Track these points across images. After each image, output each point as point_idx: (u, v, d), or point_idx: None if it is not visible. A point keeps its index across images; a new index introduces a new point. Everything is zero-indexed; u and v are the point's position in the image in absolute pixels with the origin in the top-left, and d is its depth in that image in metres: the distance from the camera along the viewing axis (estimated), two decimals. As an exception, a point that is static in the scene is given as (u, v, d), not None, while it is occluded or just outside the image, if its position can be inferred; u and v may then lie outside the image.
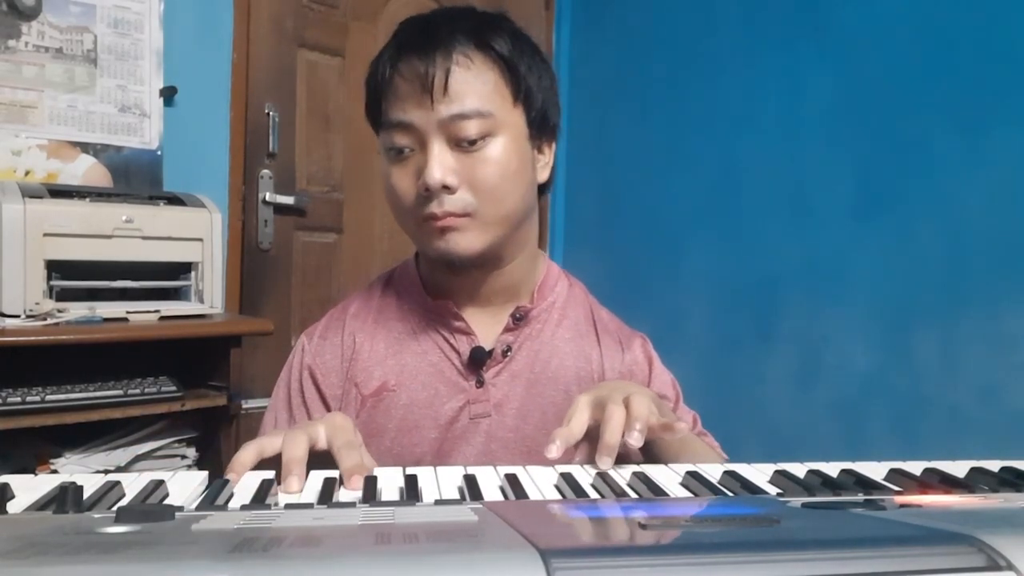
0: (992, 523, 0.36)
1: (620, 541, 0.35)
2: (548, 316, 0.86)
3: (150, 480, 0.51)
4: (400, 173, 0.76)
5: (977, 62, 1.40)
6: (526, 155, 0.78)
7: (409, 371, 0.82)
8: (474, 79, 0.74)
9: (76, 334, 1.35)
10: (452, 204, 0.74)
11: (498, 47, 0.75)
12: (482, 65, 0.74)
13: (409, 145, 0.75)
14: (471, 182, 0.74)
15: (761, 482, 0.54)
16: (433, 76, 0.72)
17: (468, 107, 0.73)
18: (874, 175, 1.58)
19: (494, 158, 0.74)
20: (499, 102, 0.75)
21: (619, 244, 2.33)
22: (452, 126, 0.73)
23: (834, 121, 1.67)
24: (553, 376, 0.83)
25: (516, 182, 0.77)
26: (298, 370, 0.85)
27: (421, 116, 0.73)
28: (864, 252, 1.59)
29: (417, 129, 0.74)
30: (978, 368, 1.38)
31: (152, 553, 0.30)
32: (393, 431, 0.80)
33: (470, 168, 0.74)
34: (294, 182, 2.09)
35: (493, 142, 0.74)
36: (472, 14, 0.78)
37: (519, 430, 0.81)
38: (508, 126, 0.75)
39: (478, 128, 0.73)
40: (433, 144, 0.73)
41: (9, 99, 1.68)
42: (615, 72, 2.35)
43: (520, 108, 0.77)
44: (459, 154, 0.74)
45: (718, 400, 0.81)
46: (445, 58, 0.73)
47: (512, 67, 0.75)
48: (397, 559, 0.28)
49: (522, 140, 0.77)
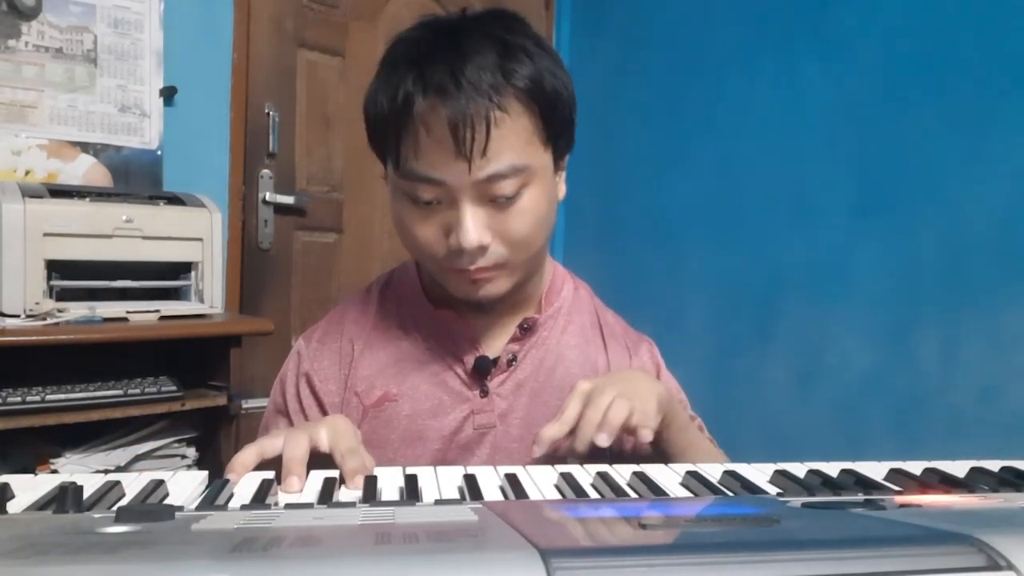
0: (992, 523, 0.36)
1: (620, 541, 0.35)
2: (554, 322, 0.85)
3: (150, 480, 0.51)
4: (423, 223, 0.72)
5: (977, 62, 1.40)
6: (553, 192, 0.76)
7: (411, 381, 0.80)
8: (509, 133, 0.68)
9: (76, 334, 1.34)
10: (485, 260, 0.71)
11: (528, 83, 0.69)
12: (515, 113, 0.68)
13: (436, 199, 0.70)
14: (503, 235, 0.71)
15: (761, 482, 0.54)
16: (471, 138, 0.66)
17: (505, 166, 0.68)
18: (874, 175, 1.58)
19: (528, 209, 0.71)
20: (532, 151, 0.71)
21: (619, 244, 2.32)
22: (487, 186, 0.68)
23: (834, 121, 1.67)
24: (558, 384, 0.82)
25: (545, 224, 0.75)
26: (294, 375, 0.83)
27: (455, 177, 0.68)
28: (864, 252, 1.59)
29: (448, 186, 0.69)
30: (978, 368, 1.38)
31: (152, 553, 0.30)
32: (396, 442, 0.79)
33: (503, 222, 0.71)
34: (294, 182, 2.09)
35: (526, 193, 0.71)
36: (493, 35, 0.70)
37: (524, 440, 0.79)
38: (540, 171, 0.72)
39: (514, 186, 0.69)
40: (465, 203, 0.69)
41: (9, 99, 1.68)
42: (615, 72, 2.35)
43: (549, 146, 0.73)
44: (492, 209, 0.70)
45: (718, 400, 0.81)
46: (479, 114, 0.66)
47: (543, 105, 0.70)
48: (397, 559, 0.28)
49: (550, 178, 0.75)
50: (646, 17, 2.25)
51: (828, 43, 1.69)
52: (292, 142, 2.09)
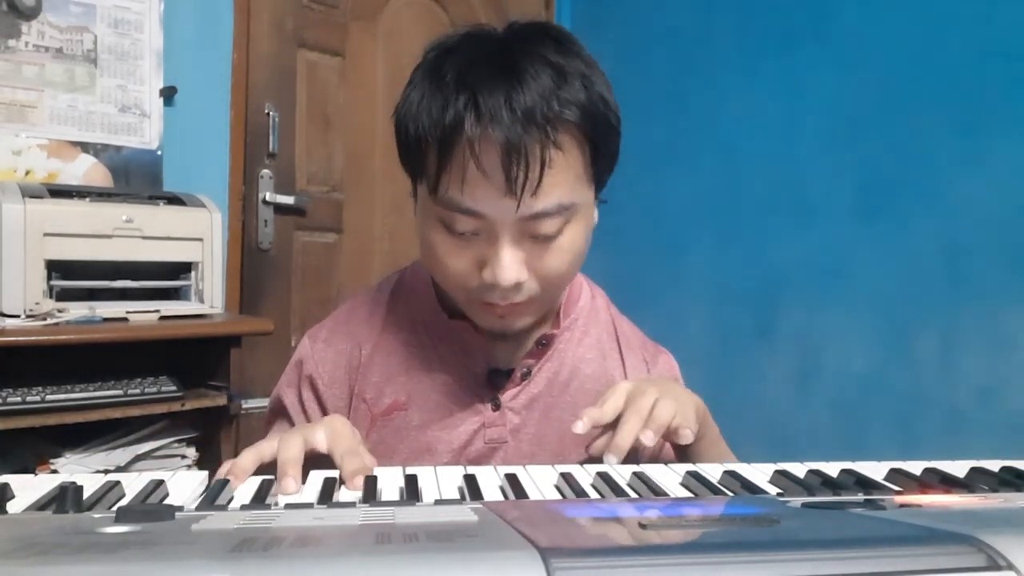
0: (992, 523, 0.36)
1: (620, 541, 0.35)
2: (570, 334, 0.82)
3: (150, 480, 0.51)
4: (457, 254, 0.68)
5: (977, 63, 1.40)
6: (591, 224, 0.73)
7: (422, 389, 0.78)
8: (560, 171, 0.64)
9: (76, 334, 1.34)
10: (517, 295, 0.68)
11: (581, 114, 0.65)
12: (568, 148, 0.64)
13: (474, 231, 0.66)
14: (539, 272, 0.68)
15: (761, 482, 0.54)
16: (524, 177, 0.62)
17: (553, 204, 0.64)
18: (874, 175, 1.58)
19: (567, 247, 0.68)
20: (579, 188, 0.67)
21: (619, 244, 2.32)
22: (531, 223, 0.65)
23: (834, 121, 1.67)
24: (572, 400, 0.80)
25: (581, 260, 0.72)
26: (297, 377, 0.82)
27: (500, 213, 0.64)
28: (864, 252, 1.59)
29: (489, 220, 0.65)
30: (978, 368, 1.38)
31: (152, 553, 0.30)
32: (405, 452, 0.77)
33: (540, 258, 0.67)
34: (294, 182, 2.09)
35: (568, 230, 0.67)
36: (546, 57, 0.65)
37: (535, 457, 0.78)
38: (584, 207, 0.68)
39: (558, 224, 0.66)
40: (505, 239, 0.65)
41: (9, 99, 1.68)
42: (615, 72, 2.33)
43: (593, 182, 0.70)
44: (530, 245, 0.66)
45: (718, 400, 0.81)
46: (533, 151, 0.62)
47: (594, 139, 0.66)
48: (397, 559, 0.28)
49: (591, 212, 0.72)
50: (646, 17, 2.25)
51: (828, 43, 1.69)
52: (292, 142, 2.09)
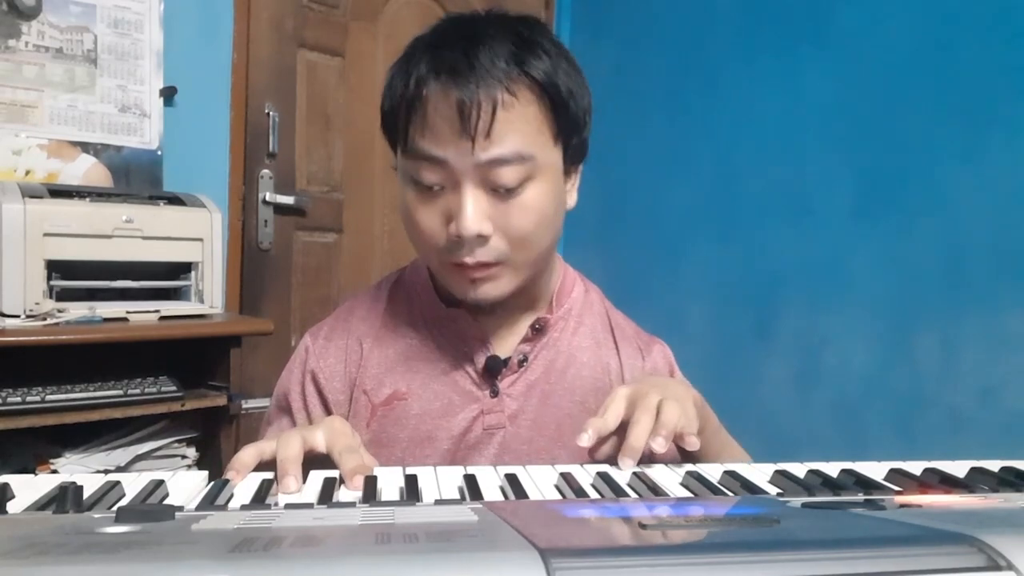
0: (992, 523, 0.36)
1: (620, 541, 0.35)
2: (565, 324, 0.84)
3: (150, 480, 0.51)
4: (426, 209, 0.71)
5: (977, 63, 1.40)
6: (560, 193, 0.74)
7: (421, 380, 0.79)
8: (517, 119, 0.67)
9: (76, 334, 1.34)
10: (484, 254, 0.70)
11: (541, 75, 0.69)
12: (525, 100, 0.68)
13: (439, 183, 0.69)
14: (505, 229, 0.70)
15: (761, 482, 0.54)
16: (476, 116, 0.66)
17: (509, 151, 0.67)
18: (874, 175, 1.58)
19: (531, 205, 0.70)
20: (540, 143, 0.70)
21: (619, 244, 2.32)
22: (490, 171, 0.67)
23: (834, 121, 1.67)
24: (569, 387, 0.81)
25: (550, 226, 0.73)
26: (300, 372, 0.83)
27: (457, 157, 0.67)
28: (864, 252, 1.59)
29: (451, 168, 0.68)
30: (978, 368, 1.38)
31: (152, 553, 0.30)
32: (405, 441, 0.78)
33: (505, 215, 0.69)
34: (294, 182, 2.09)
35: (531, 187, 0.70)
36: (511, 28, 0.71)
37: (533, 442, 0.79)
38: (547, 167, 0.71)
39: (517, 175, 0.68)
40: (467, 188, 0.68)
41: (9, 99, 1.68)
42: (615, 72, 2.35)
43: (559, 143, 0.72)
44: (494, 199, 0.69)
45: (718, 400, 0.81)
46: (488, 93, 0.66)
47: (554, 99, 0.70)
48: (397, 559, 0.28)
49: (558, 178, 0.73)
50: (646, 17, 2.25)
51: (828, 43, 1.69)
52: (292, 142, 2.09)
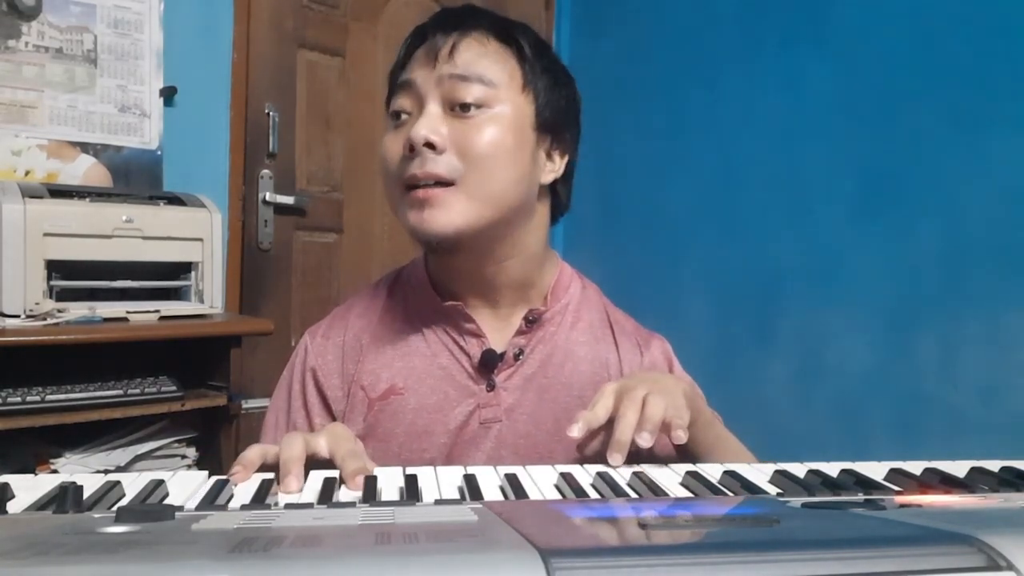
0: (992, 523, 0.36)
1: (620, 541, 0.35)
2: (562, 319, 0.84)
3: (150, 480, 0.51)
4: (393, 138, 0.75)
5: (977, 62, 1.40)
6: (527, 142, 0.75)
7: (418, 374, 0.79)
8: (485, 55, 0.74)
9: (76, 334, 1.34)
10: (435, 165, 0.71)
11: (518, 44, 0.75)
12: (498, 49, 0.75)
13: (408, 109, 0.74)
14: (460, 147, 0.71)
15: (761, 482, 0.54)
16: (443, 39, 0.73)
17: (471, 71, 0.72)
18: (874, 175, 1.58)
19: (488, 128, 0.72)
20: (506, 79, 0.74)
21: (619, 243, 2.32)
22: (451, 86, 0.72)
23: (834, 121, 1.67)
24: (567, 381, 0.81)
25: (509, 162, 0.73)
26: (300, 371, 0.83)
27: (423, 75, 0.73)
28: (864, 251, 1.59)
29: (417, 89, 0.73)
30: (978, 368, 1.38)
31: (152, 553, 0.30)
32: (402, 435, 0.78)
33: (461, 133, 0.72)
34: (294, 182, 2.09)
35: (491, 113, 0.72)
36: (501, 16, 0.78)
37: (530, 436, 0.79)
38: (511, 104, 0.74)
39: (477, 94, 0.72)
40: (428, 104, 0.72)
41: (9, 99, 1.68)
42: (615, 72, 2.34)
43: (529, 96, 0.75)
44: (453, 119, 0.72)
45: (718, 400, 0.82)
46: (463, 32, 0.73)
47: (528, 61, 0.75)
48: (397, 559, 0.28)
49: (525, 125, 0.75)
50: (646, 17, 2.25)
51: (828, 43, 1.69)
52: (292, 142, 2.09)
